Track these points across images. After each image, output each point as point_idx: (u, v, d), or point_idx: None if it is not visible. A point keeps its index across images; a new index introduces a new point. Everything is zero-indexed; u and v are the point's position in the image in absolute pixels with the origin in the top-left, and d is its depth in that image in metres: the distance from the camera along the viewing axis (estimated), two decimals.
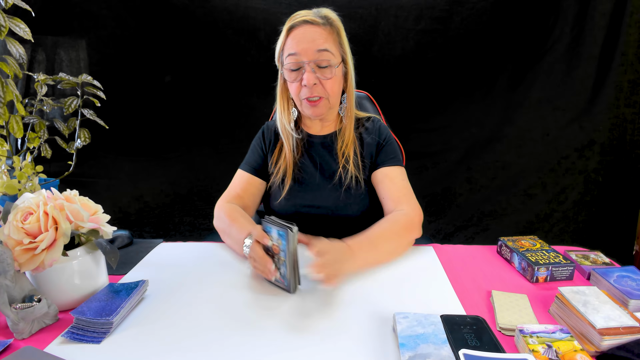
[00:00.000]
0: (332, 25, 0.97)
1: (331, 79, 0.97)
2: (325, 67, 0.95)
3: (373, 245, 0.85)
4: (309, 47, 0.94)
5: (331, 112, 1.06)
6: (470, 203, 1.97)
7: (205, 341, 0.62)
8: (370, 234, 0.87)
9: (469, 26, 1.76)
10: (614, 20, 1.71)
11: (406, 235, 0.92)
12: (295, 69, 0.97)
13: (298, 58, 0.95)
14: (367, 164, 1.05)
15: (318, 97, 0.98)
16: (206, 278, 0.82)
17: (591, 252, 0.88)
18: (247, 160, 1.11)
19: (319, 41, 0.94)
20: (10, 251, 0.63)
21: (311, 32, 0.95)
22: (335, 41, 0.97)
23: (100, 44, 1.81)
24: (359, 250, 0.81)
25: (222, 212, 0.98)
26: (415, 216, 0.94)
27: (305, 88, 0.96)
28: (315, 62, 0.94)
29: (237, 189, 1.06)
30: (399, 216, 0.93)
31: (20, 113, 0.93)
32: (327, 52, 0.95)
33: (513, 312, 0.66)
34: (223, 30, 1.80)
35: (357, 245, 0.82)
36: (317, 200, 1.03)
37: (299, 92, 0.98)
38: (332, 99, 1.00)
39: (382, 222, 0.92)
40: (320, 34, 0.95)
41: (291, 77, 0.98)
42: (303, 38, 0.95)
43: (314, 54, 0.94)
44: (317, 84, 0.96)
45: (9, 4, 0.87)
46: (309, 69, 0.95)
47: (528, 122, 1.86)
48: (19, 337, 0.63)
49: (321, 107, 0.99)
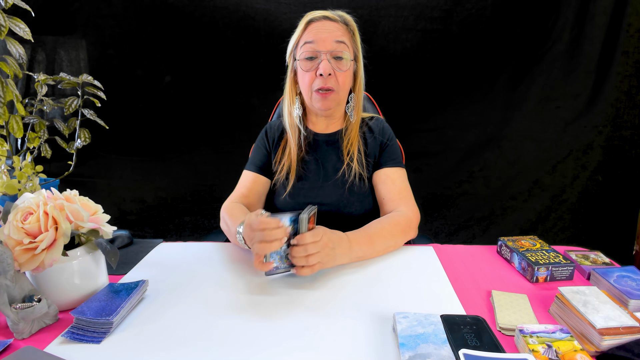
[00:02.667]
0: (348, 24, 1.01)
1: (344, 72, 0.99)
2: (341, 59, 0.98)
3: (371, 241, 0.88)
4: (327, 37, 0.97)
5: (338, 108, 1.07)
6: (470, 203, 1.97)
7: (206, 341, 0.62)
8: (370, 230, 0.90)
9: (469, 26, 1.76)
10: (614, 20, 1.71)
11: (402, 236, 0.94)
12: (311, 57, 0.98)
13: (315, 47, 0.97)
14: (370, 163, 1.07)
15: (330, 89, 0.99)
16: (206, 278, 0.82)
17: (591, 252, 0.88)
18: (252, 160, 1.12)
19: (337, 33, 0.98)
20: (10, 251, 0.63)
21: (330, 25, 0.99)
22: (350, 39, 1.01)
23: (100, 44, 1.81)
24: (356, 244, 0.85)
25: (225, 212, 0.99)
26: (414, 219, 0.98)
27: (319, 78, 0.98)
28: (331, 52, 0.97)
29: (242, 189, 1.08)
30: (398, 217, 0.96)
31: (20, 113, 0.93)
32: (343, 44, 0.98)
33: (513, 312, 0.66)
34: (223, 31, 1.80)
35: (356, 239, 0.86)
36: (320, 197, 1.04)
37: (312, 82, 1.00)
38: (341, 94, 1.02)
39: (382, 221, 0.94)
40: (339, 29, 0.99)
41: (306, 66, 0.99)
42: (322, 29, 0.98)
43: (331, 44, 0.97)
44: (332, 75, 0.98)
45: (8, 4, 0.87)
46: (326, 59, 0.97)
47: (528, 122, 1.86)
48: (19, 337, 0.63)
49: (331, 100, 1.01)
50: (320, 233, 0.77)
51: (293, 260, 0.76)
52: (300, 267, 0.76)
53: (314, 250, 0.75)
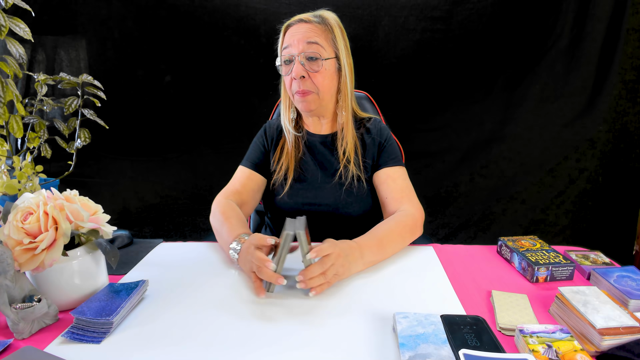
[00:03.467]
0: (326, 23, 0.99)
1: (319, 72, 0.98)
2: (314, 60, 0.97)
3: (381, 245, 0.86)
4: (299, 39, 0.97)
5: (325, 109, 1.06)
6: (470, 203, 1.97)
7: (206, 341, 0.62)
8: (379, 233, 0.88)
9: (469, 26, 1.76)
10: (614, 20, 1.71)
11: (410, 236, 0.94)
12: (288, 61, 0.99)
13: (289, 51, 0.98)
14: (368, 164, 1.06)
15: (305, 92, 0.99)
16: (206, 278, 0.82)
17: (591, 252, 0.88)
18: (248, 156, 1.12)
19: (310, 34, 0.97)
20: (10, 251, 0.63)
21: (304, 27, 0.98)
22: (327, 38, 0.99)
23: (100, 44, 1.81)
24: (367, 250, 0.83)
25: (218, 209, 0.97)
26: (419, 217, 0.97)
27: (295, 81, 0.99)
28: (304, 54, 0.97)
29: (236, 184, 1.06)
30: (404, 217, 0.94)
31: (20, 113, 0.93)
32: (315, 45, 0.97)
33: (513, 312, 0.66)
34: (223, 31, 1.80)
35: (366, 244, 0.83)
36: (318, 198, 1.03)
37: (291, 85, 1.01)
38: (322, 94, 1.00)
39: (389, 222, 0.92)
40: (312, 30, 0.98)
41: (285, 70, 1.01)
42: (296, 32, 0.98)
43: (302, 46, 0.97)
44: (306, 78, 0.98)
45: (9, 3, 0.87)
46: (298, 61, 0.97)
47: (528, 122, 1.86)
48: (19, 337, 0.63)
49: (310, 101, 1.00)
50: (331, 246, 0.75)
51: (309, 282, 0.71)
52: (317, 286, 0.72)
53: (329, 264, 0.73)
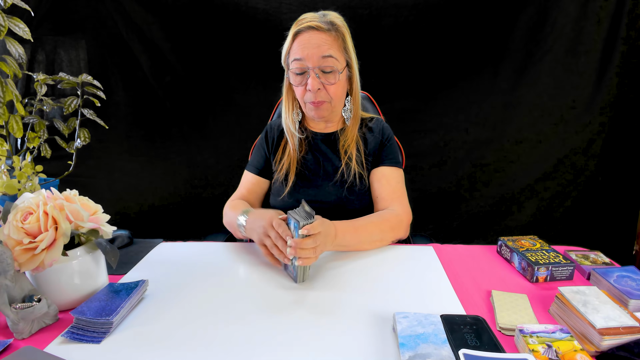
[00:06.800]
0: (337, 30, 0.97)
1: (335, 84, 0.99)
2: (329, 73, 0.97)
3: (356, 232, 0.90)
4: (313, 52, 0.95)
5: (334, 114, 1.07)
6: (470, 203, 1.97)
7: (206, 341, 0.62)
8: (357, 222, 0.93)
9: (469, 26, 1.76)
10: (614, 20, 1.71)
11: (390, 233, 0.96)
12: (300, 72, 0.98)
13: (303, 63, 0.96)
14: (370, 162, 1.08)
15: (321, 101, 1.00)
16: (206, 278, 0.82)
17: (591, 252, 0.88)
18: (251, 161, 1.15)
19: (324, 47, 0.95)
20: (10, 251, 0.63)
21: (316, 38, 0.95)
22: (340, 47, 0.98)
23: (100, 44, 1.81)
24: (341, 232, 0.87)
25: (227, 208, 1.04)
26: (405, 218, 0.99)
27: (309, 92, 0.99)
28: (319, 67, 0.96)
29: (242, 189, 1.12)
30: (387, 214, 0.98)
31: (20, 113, 0.93)
32: (331, 59, 0.96)
33: (513, 312, 0.66)
34: (223, 31, 1.80)
35: (342, 227, 0.88)
36: (319, 196, 1.05)
37: (304, 95, 1.01)
38: (334, 102, 1.02)
39: (372, 215, 0.97)
40: (325, 40, 0.95)
41: (296, 80, 1.00)
42: (308, 44, 0.95)
43: (318, 60, 0.95)
44: (321, 89, 0.98)
45: (8, 3, 0.87)
46: (313, 75, 0.96)
47: (528, 122, 1.86)
48: (19, 337, 0.63)
49: (324, 109, 1.02)
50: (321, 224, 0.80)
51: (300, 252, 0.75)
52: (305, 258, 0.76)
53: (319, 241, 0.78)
